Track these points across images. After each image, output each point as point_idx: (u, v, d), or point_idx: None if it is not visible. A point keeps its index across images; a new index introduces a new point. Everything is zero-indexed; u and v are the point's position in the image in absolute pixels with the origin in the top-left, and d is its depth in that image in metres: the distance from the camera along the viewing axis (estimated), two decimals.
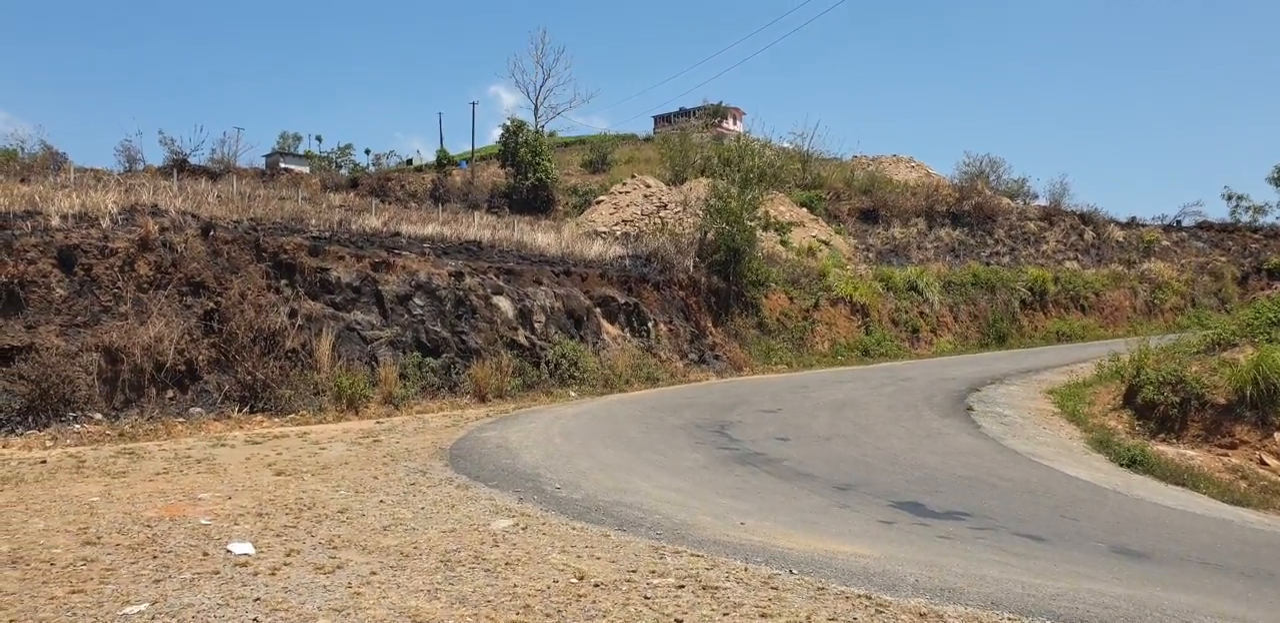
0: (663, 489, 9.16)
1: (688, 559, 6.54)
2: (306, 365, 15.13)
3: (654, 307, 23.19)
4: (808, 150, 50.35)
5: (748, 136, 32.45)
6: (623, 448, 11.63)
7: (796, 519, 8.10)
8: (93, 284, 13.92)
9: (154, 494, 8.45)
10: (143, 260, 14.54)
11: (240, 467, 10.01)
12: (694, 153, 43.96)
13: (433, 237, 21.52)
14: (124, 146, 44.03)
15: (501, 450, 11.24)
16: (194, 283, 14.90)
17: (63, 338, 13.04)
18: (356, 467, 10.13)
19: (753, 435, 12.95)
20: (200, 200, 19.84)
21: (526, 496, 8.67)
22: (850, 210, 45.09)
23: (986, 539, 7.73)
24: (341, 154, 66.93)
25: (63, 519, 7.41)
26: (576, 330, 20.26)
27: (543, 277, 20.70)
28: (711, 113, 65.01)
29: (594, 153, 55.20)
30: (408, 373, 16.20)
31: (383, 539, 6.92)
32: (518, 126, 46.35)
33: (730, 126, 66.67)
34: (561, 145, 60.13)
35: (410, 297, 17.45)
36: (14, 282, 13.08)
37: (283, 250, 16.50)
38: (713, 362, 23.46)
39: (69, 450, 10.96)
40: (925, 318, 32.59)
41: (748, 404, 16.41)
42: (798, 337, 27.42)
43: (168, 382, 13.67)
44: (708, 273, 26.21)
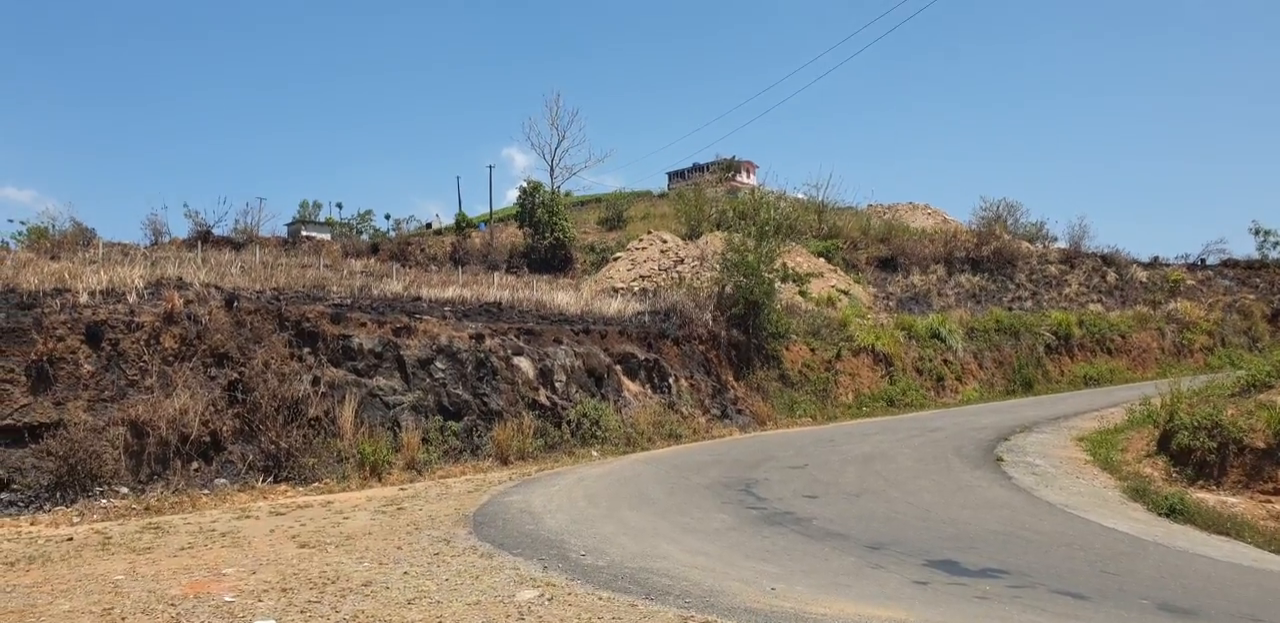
0: (690, 554, 9.00)
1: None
2: (330, 433, 15.14)
3: (674, 362, 23.14)
4: (823, 200, 50.72)
5: (762, 189, 32.77)
6: (648, 510, 11.48)
7: (828, 582, 7.92)
8: (119, 359, 14.07)
9: (178, 571, 8.40)
10: (168, 333, 14.72)
11: (264, 539, 9.94)
12: (709, 207, 44.39)
13: (453, 299, 21.68)
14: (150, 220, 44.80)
15: (525, 515, 11.12)
16: (218, 354, 15.04)
17: (90, 413, 13.15)
18: (380, 537, 10.05)
19: (780, 493, 12.76)
20: (224, 271, 20.15)
21: (551, 563, 8.54)
22: (868, 259, 45.15)
23: (1025, 598, 7.51)
24: (362, 220, 68.03)
25: (87, 600, 7.37)
26: (597, 389, 20.22)
27: (562, 336, 20.75)
28: (725, 167, 65.84)
29: (609, 210, 55.85)
30: (430, 437, 16.16)
31: (407, 613, 6.82)
32: (534, 187, 47.05)
33: (744, 180, 67.46)
34: (577, 204, 60.94)
35: (432, 360, 17.51)
36: (43, 359, 13.25)
37: (305, 319, 16.67)
38: (735, 416, 23.28)
39: (95, 526, 10.94)
40: (949, 366, 32.29)
41: (773, 460, 16.22)
42: (821, 388, 27.19)
43: (193, 453, 13.70)
44: (727, 326, 26.19)
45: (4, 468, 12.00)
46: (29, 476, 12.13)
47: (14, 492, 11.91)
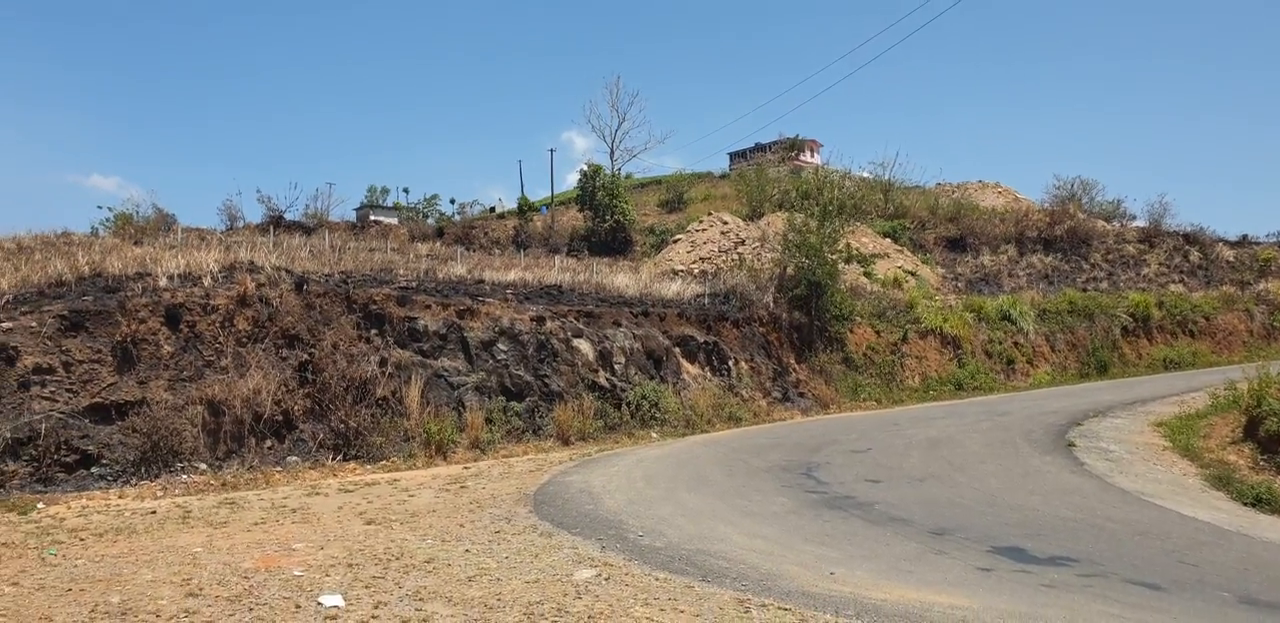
0: (748, 537, 9.00)
1: (774, 613, 6.39)
2: (396, 412, 15.48)
3: (734, 344, 23.05)
4: (889, 179, 49.85)
5: (826, 168, 32.25)
6: (706, 492, 11.51)
7: (889, 568, 7.85)
8: (197, 340, 14.57)
9: (252, 545, 8.70)
10: (241, 316, 15.18)
11: (333, 516, 10.24)
12: (771, 187, 43.92)
13: (515, 282, 21.91)
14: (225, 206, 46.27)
15: (584, 496, 11.24)
16: (289, 335, 15.47)
17: (170, 392, 13.66)
18: (444, 514, 10.26)
19: (841, 477, 12.66)
20: (294, 255, 20.66)
21: (609, 544, 8.63)
22: (936, 239, 44.29)
23: (1096, 588, 7.33)
24: (428, 204, 68.99)
25: (168, 570, 7.69)
26: (656, 371, 20.27)
27: (621, 318, 20.83)
28: (788, 146, 65.05)
29: (670, 192, 55.69)
30: (493, 417, 16.42)
31: (468, 590, 6.96)
32: (595, 170, 47.13)
33: (808, 159, 66.53)
34: (638, 186, 60.90)
35: (494, 342, 17.75)
36: (127, 340, 13.80)
37: (372, 301, 17.02)
38: (797, 399, 23.12)
39: (176, 500, 11.39)
40: (1020, 348, 31.57)
41: (835, 444, 16.09)
42: (886, 371, 26.84)
43: (266, 432, 14.15)
44: (789, 308, 25.96)
45: (94, 444, 12.56)
46: (116, 451, 12.67)
47: (103, 466, 12.47)
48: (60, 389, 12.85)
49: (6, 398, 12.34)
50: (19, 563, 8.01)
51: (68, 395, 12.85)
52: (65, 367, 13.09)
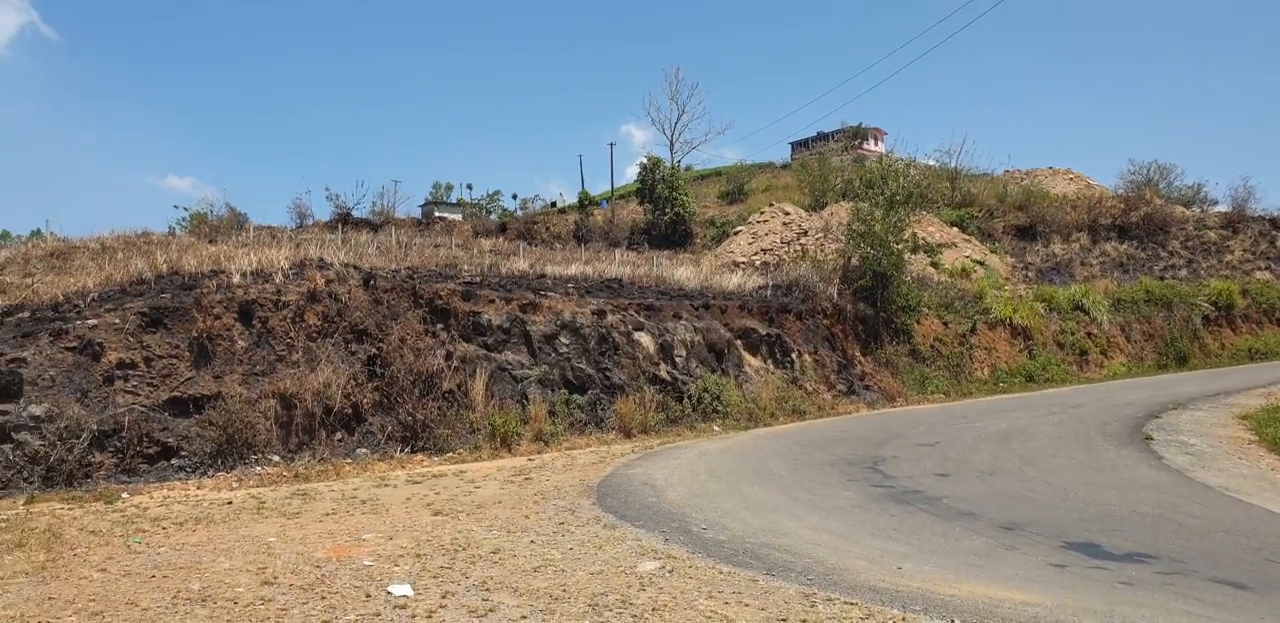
0: (813, 530, 8.92)
1: (841, 607, 6.32)
2: (462, 405, 15.71)
3: (797, 337, 22.85)
4: (955, 167, 48.83)
5: (890, 157, 31.63)
6: (770, 486, 11.44)
7: (958, 563, 7.70)
8: (269, 335, 14.97)
9: (323, 535, 8.92)
10: (311, 311, 15.55)
11: (401, 507, 10.44)
12: (834, 177, 43.38)
13: (576, 276, 22.02)
14: (295, 204, 47.41)
15: (647, 488, 11.26)
16: (357, 330, 15.80)
17: (244, 386, 14.07)
18: (509, 506, 10.38)
19: (909, 471, 12.47)
20: (362, 252, 21.07)
21: (672, 536, 8.64)
22: (1005, 228, 43.25)
23: (1176, 586, 7.07)
24: (490, 200, 69.81)
25: (244, 559, 7.92)
26: (718, 364, 20.20)
27: (682, 311, 20.79)
28: (851, 135, 64.16)
29: (730, 183, 55.36)
30: (556, 410, 16.55)
31: (533, 581, 7.03)
32: (654, 163, 47.09)
33: (871, 148, 65.54)
34: (698, 178, 60.67)
35: (556, 335, 17.88)
36: (203, 336, 14.24)
37: (438, 296, 17.28)
38: (863, 392, 22.83)
39: (251, 491, 11.73)
40: (1094, 339, 30.69)
41: (902, 437, 15.85)
42: (954, 363, 26.33)
43: (336, 424, 14.48)
44: (853, 300, 25.62)
45: (173, 436, 13.01)
46: (194, 443, 13.10)
47: (182, 458, 12.91)
48: (142, 383, 13.32)
49: (93, 392, 12.85)
50: (106, 550, 8.33)
51: (149, 389, 13.32)
52: (146, 362, 13.56)
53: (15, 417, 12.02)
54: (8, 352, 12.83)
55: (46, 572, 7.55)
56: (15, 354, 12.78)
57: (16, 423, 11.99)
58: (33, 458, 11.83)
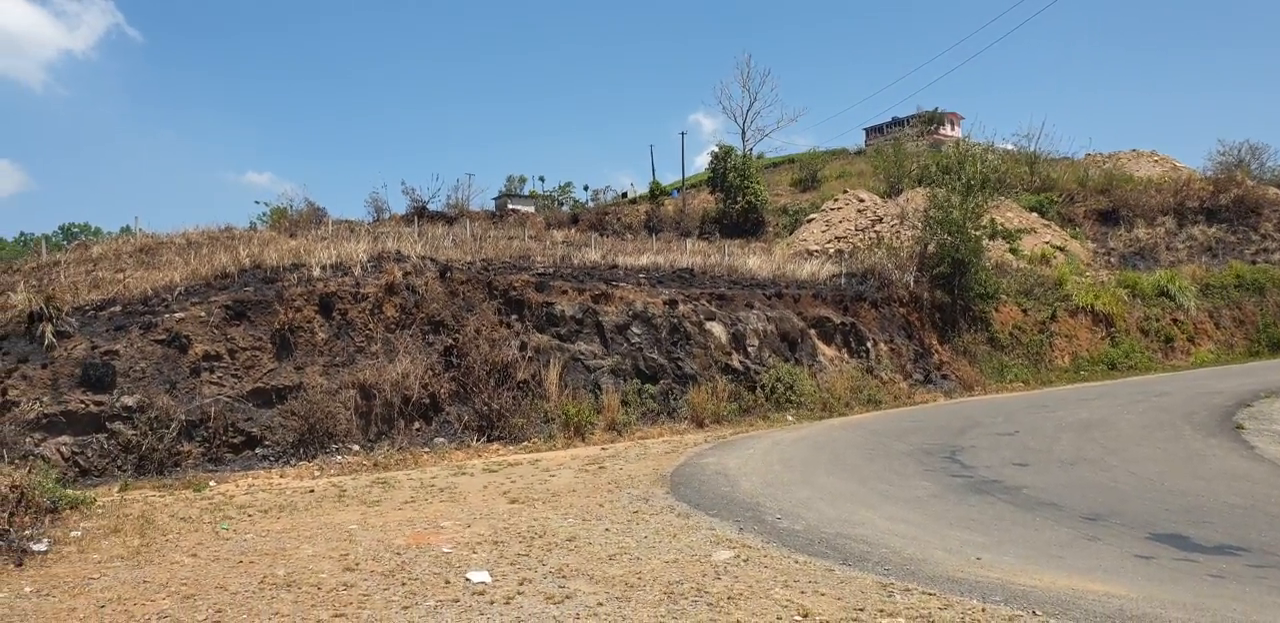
0: (890, 521, 8.78)
1: (919, 597, 6.20)
2: (536, 395, 15.89)
3: (872, 325, 22.49)
4: (1034, 151, 47.44)
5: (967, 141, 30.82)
6: (845, 476, 11.29)
7: (1039, 554, 7.49)
8: (348, 327, 15.34)
9: (403, 523, 9.11)
10: (389, 303, 15.88)
11: (478, 495, 10.60)
12: (909, 163, 42.50)
13: (647, 266, 22.04)
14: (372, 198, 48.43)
15: (720, 478, 11.23)
16: (434, 322, 16.09)
17: (325, 377, 14.45)
18: (583, 494, 10.46)
19: (987, 461, 12.18)
20: (438, 244, 21.41)
21: (747, 526, 8.59)
22: (1086, 212, 41.81)
23: (1270, 579, 6.76)
24: (562, 192, 70.27)
25: (327, 546, 8.14)
26: (791, 353, 20.01)
27: (754, 300, 20.64)
28: (926, 120, 62.71)
29: (803, 171, 54.66)
30: (628, 400, 16.61)
31: (609, 569, 7.06)
32: (726, 152, 46.75)
33: (948, 133, 63.94)
34: (769, 166, 60.05)
35: (628, 326, 17.94)
36: (285, 328, 14.66)
37: (512, 287, 17.48)
38: (939, 381, 22.38)
39: (332, 480, 12.05)
40: (1180, 326, 29.54)
41: (980, 427, 15.49)
42: (1034, 351, 25.65)
43: (414, 414, 14.78)
44: (930, 287, 25.13)
45: (257, 426, 13.44)
46: (277, 433, 13.52)
47: (266, 447, 13.33)
48: (227, 375, 13.78)
49: (181, 383, 13.34)
50: (196, 536, 8.65)
51: (233, 381, 13.77)
52: (230, 353, 14.02)
53: (109, 407, 12.56)
54: (101, 344, 13.39)
55: (141, 556, 7.87)
56: (108, 347, 13.34)
57: (110, 413, 12.52)
58: (126, 447, 12.35)
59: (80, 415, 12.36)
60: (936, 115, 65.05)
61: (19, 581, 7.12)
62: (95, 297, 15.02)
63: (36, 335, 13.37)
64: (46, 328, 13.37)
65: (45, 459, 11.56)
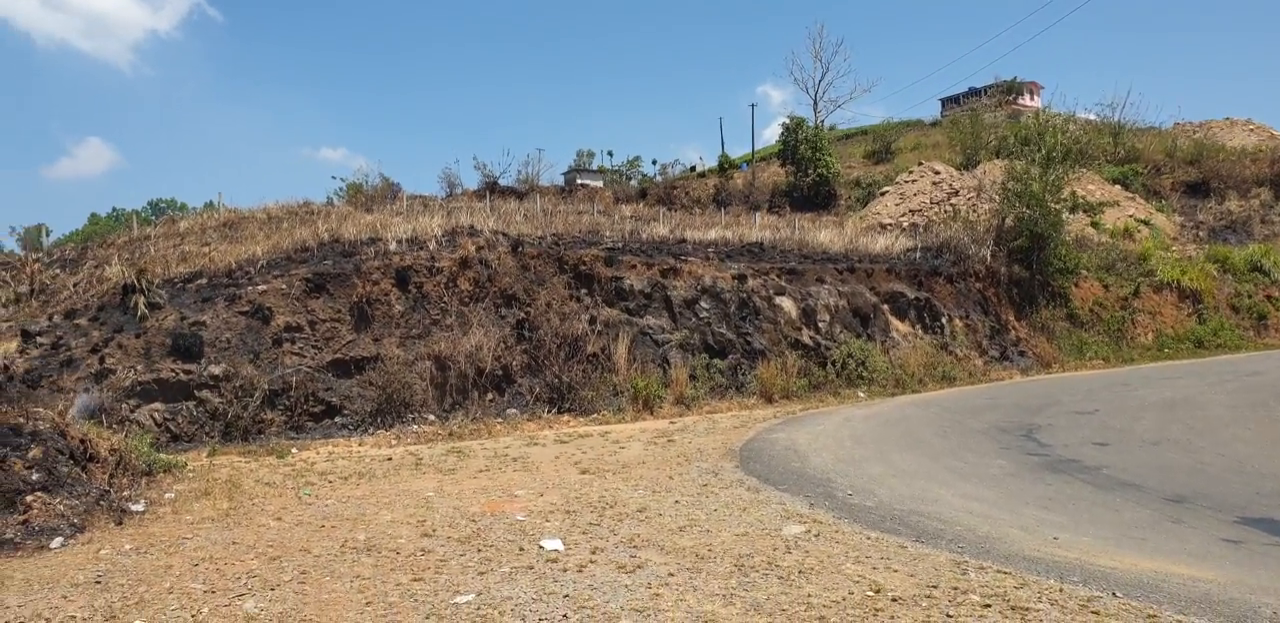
0: (964, 498, 8.67)
1: (994, 576, 6.13)
2: (605, 368, 16.02)
3: (947, 301, 22.06)
4: (1119, 121, 45.64)
5: (1048, 112, 29.83)
6: (918, 453, 11.16)
7: (1119, 535, 7.31)
8: (424, 300, 15.64)
9: (477, 491, 9.32)
10: (463, 277, 16.13)
11: (550, 465, 10.77)
12: (987, 134, 41.32)
13: (716, 241, 21.93)
14: (444, 174, 48.93)
15: (790, 453, 11.20)
16: (506, 295, 16.30)
17: (401, 348, 14.78)
18: (653, 466, 10.55)
19: (1065, 440, 11.91)
20: (509, 219, 21.63)
21: (818, 501, 8.57)
22: (1173, 184, 40.18)
23: None
24: (630, 166, 70.02)
25: (405, 512, 8.37)
26: (863, 329, 19.75)
27: (825, 275, 20.40)
28: (1005, 90, 60.66)
29: (876, 143, 53.52)
30: (697, 374, 16.64)
31: (679, 540, 7.13)
32: (797, 124, 46.01)
33: (1027, 103, 61.89)
34: (842, 138, 58.93)
35: (697, 300, 17.91)
36: (363, 301, 15.03)
37: (581, 262, 17.59)
38: (1016, 358, 21.88)
39: (409, 449, 12.37)
40: (1274, 302, 28.31)
41: (1058, 405, 15.13)
42: (1115, 328, 24.88)
43: (487, 385, 15.05)
44: (1007, 262, 24.52)
45: (336, 395, 13.84)
46: (356, 403, 13.91)
47: (345, 416, 13.73)
48: (307, 346, 14.20)
49: (264, 354, 13.79)
50: (280, 501, 8.99)
51: (313, 351, 14.19)
52: (310, 325, 14.43)
53: (197, 376, 13.06)
54: (189, 315, 13.91)
55: (230, 519, 8.22)
56: (196, 318, 13.85)
57: (198, 382, 13.02)
58: (213, 414, 12.86)
59: (171, 383, 12.89)
60: (1015, 85, 62.89)
61: (119, 538, 7.50)
62: (183, 269, 15.59)
63: (130, 307, 13.96)
64: (139, 299, 13.94)
65: (140, 425, 12.12)
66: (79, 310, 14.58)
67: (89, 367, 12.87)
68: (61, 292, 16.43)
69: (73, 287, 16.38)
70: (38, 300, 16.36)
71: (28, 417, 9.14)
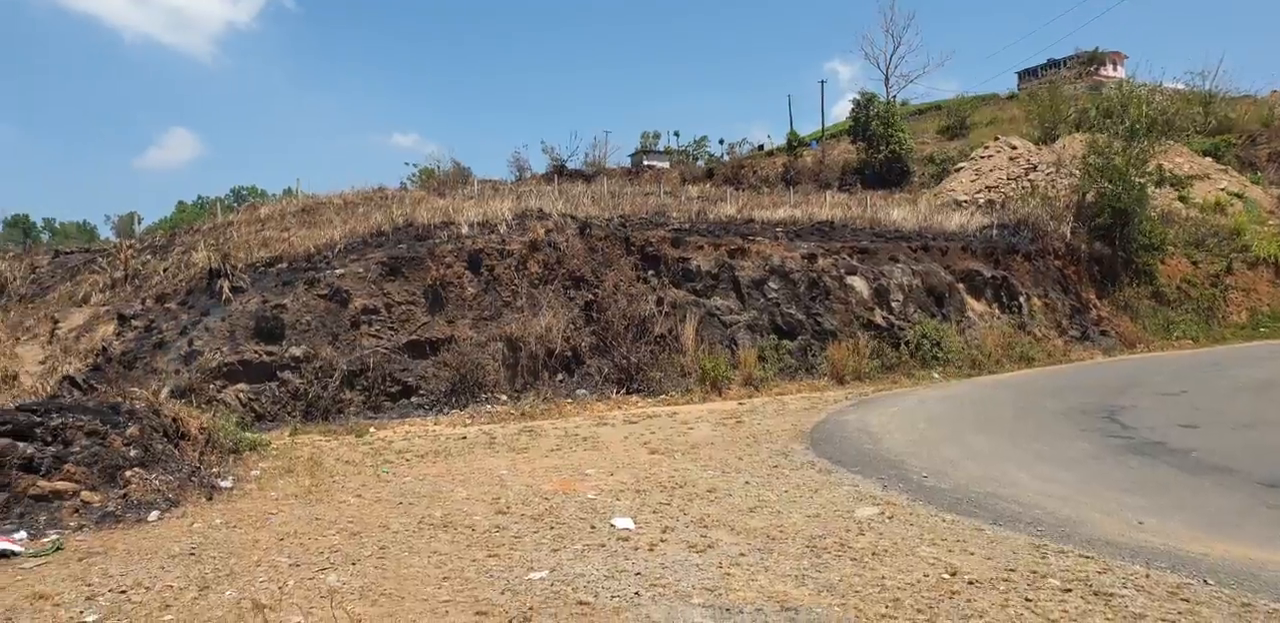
0: (1043, 481, 8.45)
1: (1075, 560, 5.97)
2: (673, 349, 16.03)
3: (1025, 279, 21.47)
4: (1209, 91, 43.62)
5: (1131, 82, 28.69)
6: (995, 435, 10.92)
7: (1209, 521, 7.04)
8: (495, 282, 15.84)
9: (549, 470, 9.44)
10: (533, 259, 16.28)
11: (619, 445, 10.85)
12: (1066, 107, 39.94)
13: (784, 220, 21.68)
14: (513, 158, 49.48)
15: (862, 435, 11.07)
16: (575, 277, 16.40)
17: (474, 330, 15.01)
18: (722, 447, 10.54)
19: (1150, 422, 11.51)
20: (576, 202, 21.71)
21: (891, 483, 8.45)
22: (1270, 155, 38.38)
23: None
24: (697, 146, 69.54)
25: (479, 490, 8.53)
26: (938, 308, 19.36)
27: (898, 253, 20.02)
28: (1086, 60, 58.52)
29: (950, 118, 52.18)
30: (765, 355, 16.53)
31: (749, 521, 7.11)
32: (868, 99, 45.09)
33: (1110, 73, 59.48)
34: (914, 113, 57.54)
35: (765, 281, 17.76)
36: (437, 283, 15.28)
37: (648, 243, 17.58)
38: (1098, 338, 21.22)
39: (482, 428, 12.58)
40: None
41: (1143, 386, 14.63)
42: (1205, 307, 23.94)
43: (557, 366, 15.20)
44: (1088, 239, 23.76)
45: (413, 376, 14.14)
46: (431, 383, 14.19)
47: (420, 396, 14.03)
48: (384, 328, 14.51)
49: (342, 336, 14.14)
50: (360, 479, 9.23)
51: (389, 333, 14.50)
52: (386, 307, 14.74)
53: (279, 357, 13.47)
54: (271, 299, 14.33)
55: (312, 495, 8.47)
56: (277, 301, 14.26)
57: (280, 363, 13.43)
58: (294, 394, 13.26)
59: (254, 365, 13.32)
60: (1097, 55, 60.56)
61: (210, 513, 7.81)
62: (264, 254, 16.04)
63: (215, 291, 14.45)
64: (224, 284, 14.42)
65: (226, 405, 12.57)
66: (169, 294, 15.14)
67: (178, 349, 13.38)
68: (152, 277, 17.07)
69: (163, 272, 17.01)
70: (131, 285, 17.03)
71: (125, 396, 9.55)
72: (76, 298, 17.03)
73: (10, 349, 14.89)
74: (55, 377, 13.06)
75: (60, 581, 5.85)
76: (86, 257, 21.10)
